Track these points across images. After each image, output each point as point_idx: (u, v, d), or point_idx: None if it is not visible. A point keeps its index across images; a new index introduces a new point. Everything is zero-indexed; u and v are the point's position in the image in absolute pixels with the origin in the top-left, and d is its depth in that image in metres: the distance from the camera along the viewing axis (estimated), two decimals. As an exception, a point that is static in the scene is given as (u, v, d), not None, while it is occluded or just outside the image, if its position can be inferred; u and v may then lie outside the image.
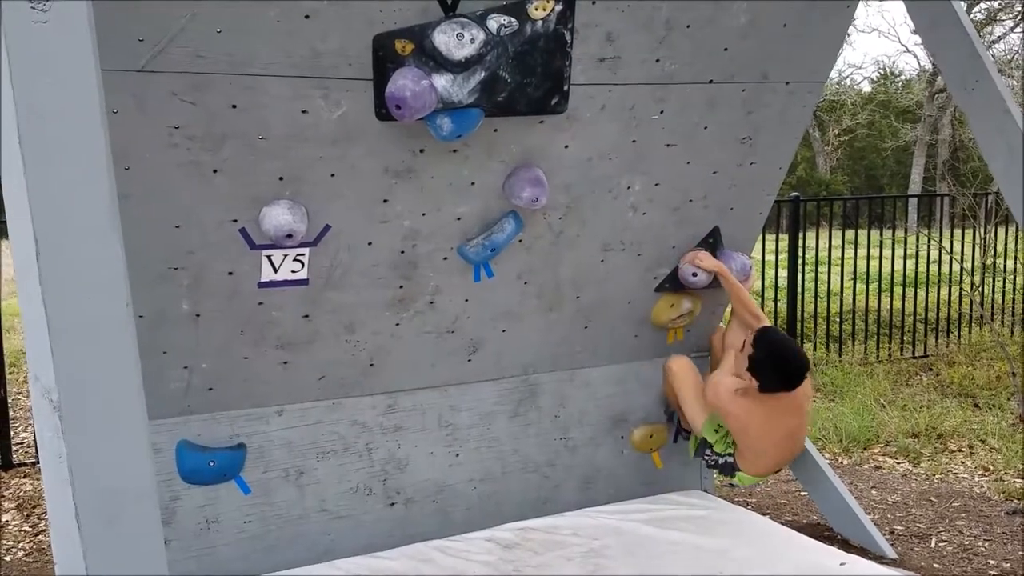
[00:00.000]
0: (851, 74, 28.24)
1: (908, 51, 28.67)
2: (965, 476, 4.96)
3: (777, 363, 3.20)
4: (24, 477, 5.11)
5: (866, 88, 30.18)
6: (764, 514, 4.22)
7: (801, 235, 7.56)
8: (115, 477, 1.23)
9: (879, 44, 59.21)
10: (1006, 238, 8.60)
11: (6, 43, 1.18)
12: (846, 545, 3.84)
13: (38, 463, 5.22)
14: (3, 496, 4.86)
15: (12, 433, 5.40)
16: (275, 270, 2.90)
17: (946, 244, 8.21)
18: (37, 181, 1.18)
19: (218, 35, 2.38)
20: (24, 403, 6.42)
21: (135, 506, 1.23)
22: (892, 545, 3.90)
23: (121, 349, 1.23)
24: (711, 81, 3.12)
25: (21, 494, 4.84)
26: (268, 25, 2.41)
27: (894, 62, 39.41)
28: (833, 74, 27.13)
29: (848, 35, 26.38)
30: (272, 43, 2.45)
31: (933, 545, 4.01)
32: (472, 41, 2.58)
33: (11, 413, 5.51)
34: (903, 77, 30.02)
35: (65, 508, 1.33)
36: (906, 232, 9.25)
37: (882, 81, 30.71)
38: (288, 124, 2.62)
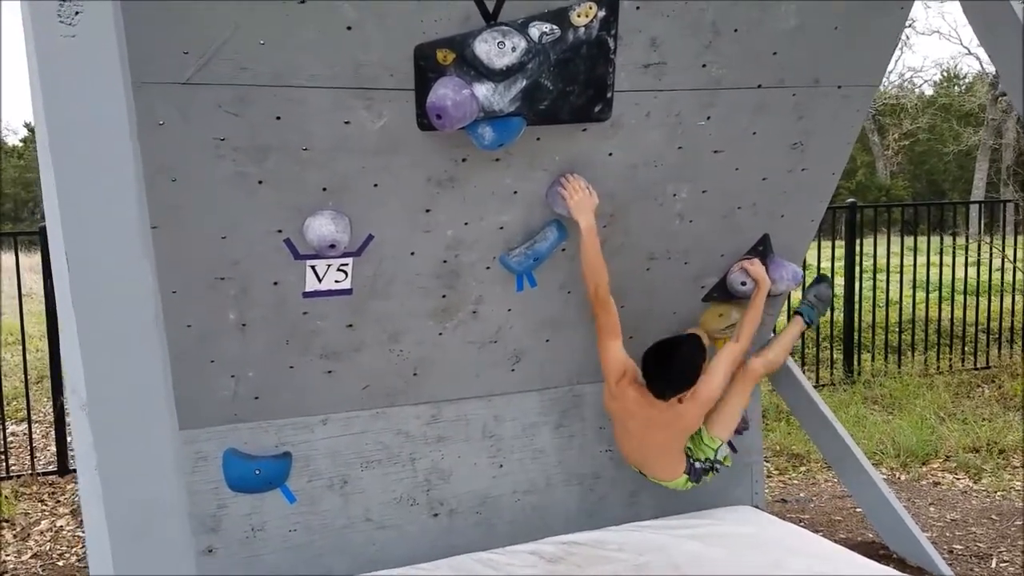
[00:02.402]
0: (911, 77, 27.55)
1: (970, 53, 27.94)
2: (1030, 493, 4.77)
3: (659, 359, 3.10)
4: (80, 482, 5.22)
5: (928, 91, 29.50)
6: (817, 531, 4.11)
7: (858, 242, 7.39)
8: (145, 489, 1.23)
9: (940, 46, 57.84)
10: (1074, 245, 8.29)
11: (36, 57, 1.20)
12: (902, 564, 3.72)
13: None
14: (59, 501, 4.97)
15: (69, 439, 5.53)
16: (319, 280, 2.92)
17: (1010, 251, 7.95)
18: (67, 194, 1.19)
19: (261, 47, 2.40)
20: (82, 409, 6.57)
21: (164, 518, 1.23)
22: (950, 565, 3.76)
23: (150, 362, 1.23)
24: (760, 86, 3.06)
25: (76, 499, 4.95)
26: (310, 37, 2.42)
27: (956, 64, 38.39)
28: (893, 77, 26.56)
29: (907, 37, 25.79)
30: (315, 55, 2.46)
31: (994, 565, 3.86)
32: (513, 49, 2.56)
33: (68, 419, 5.65)
34: (966, 80, 29.29)
35: (100, 519, 1.34)
36: (967, 239, 8.96)
37: (944, 84, 29.99)
38: (331, 135, 2.63)
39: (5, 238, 6.35)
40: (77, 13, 1.16)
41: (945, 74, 30.24)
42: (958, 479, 5.02)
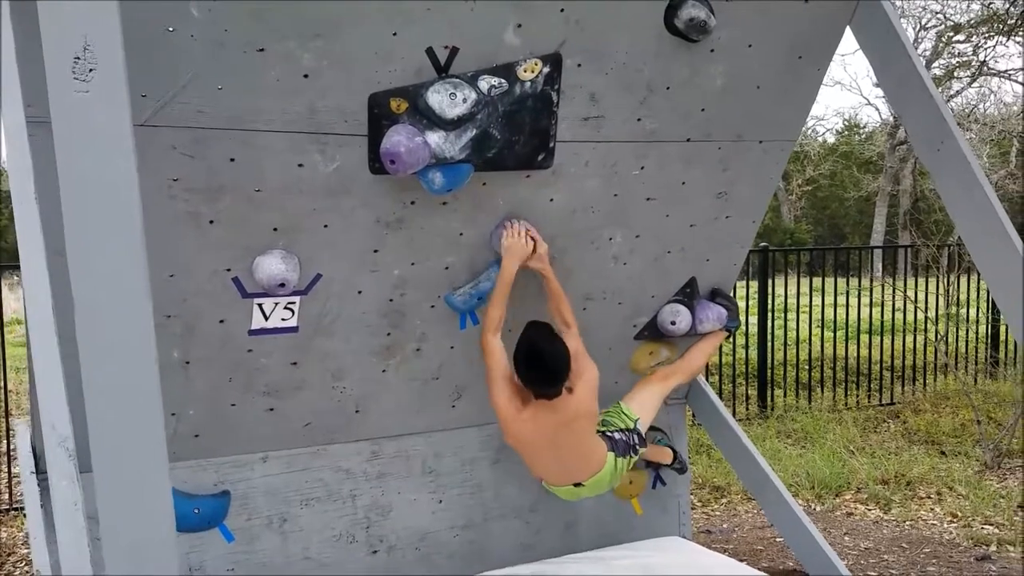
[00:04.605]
0: (813, 125, 28.96)
1: (870, 103, 29.55)
2: (934, 522, 5.06)
3: (534, 365, 3.03)
4: (-4, 524, 5.03)
5: (829, 139, 30.98)
6: (741, 560, 4.27)
7: (770, 283, 7.74)
8: (141, 530, 1.26)
9: (842, 97, 60.88)
10: (968, 288, 8.86)
11: (51, 112, 1.25)
12: (821, 591, 3.90)
13: (11, 509, 5.14)
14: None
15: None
16: (266, 318, 2.95)
17: (910, 293, 8.44)
18: (77, 242, 1.24)
19: (219, 92, 2.45)
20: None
21: (157, 559, 1.27)
22: (866, 590, 3.97)
23: (151, 406, 1.28)
24: (689, 139, 3.25)
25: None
26: (269, 83, 2.49)
27: (857, 114, 40.47)
28: (797, 126, 27.73)
29: (812, 89, 27.18)
30: (272, 100, 2.53)
31: (905, 590, 4.10)
32: (464, 101, 2.69)
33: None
34: (866, 129, 30.87)
35: (79, 555, 1.37)
36: (871, 281, 9.48)
37: (845, 133, 31.54)
38: (284, 177, 2.69)
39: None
40: (91, 70, 1.23)
41: (846, 123, 31.85)
42: (870, 510, 5.29)
